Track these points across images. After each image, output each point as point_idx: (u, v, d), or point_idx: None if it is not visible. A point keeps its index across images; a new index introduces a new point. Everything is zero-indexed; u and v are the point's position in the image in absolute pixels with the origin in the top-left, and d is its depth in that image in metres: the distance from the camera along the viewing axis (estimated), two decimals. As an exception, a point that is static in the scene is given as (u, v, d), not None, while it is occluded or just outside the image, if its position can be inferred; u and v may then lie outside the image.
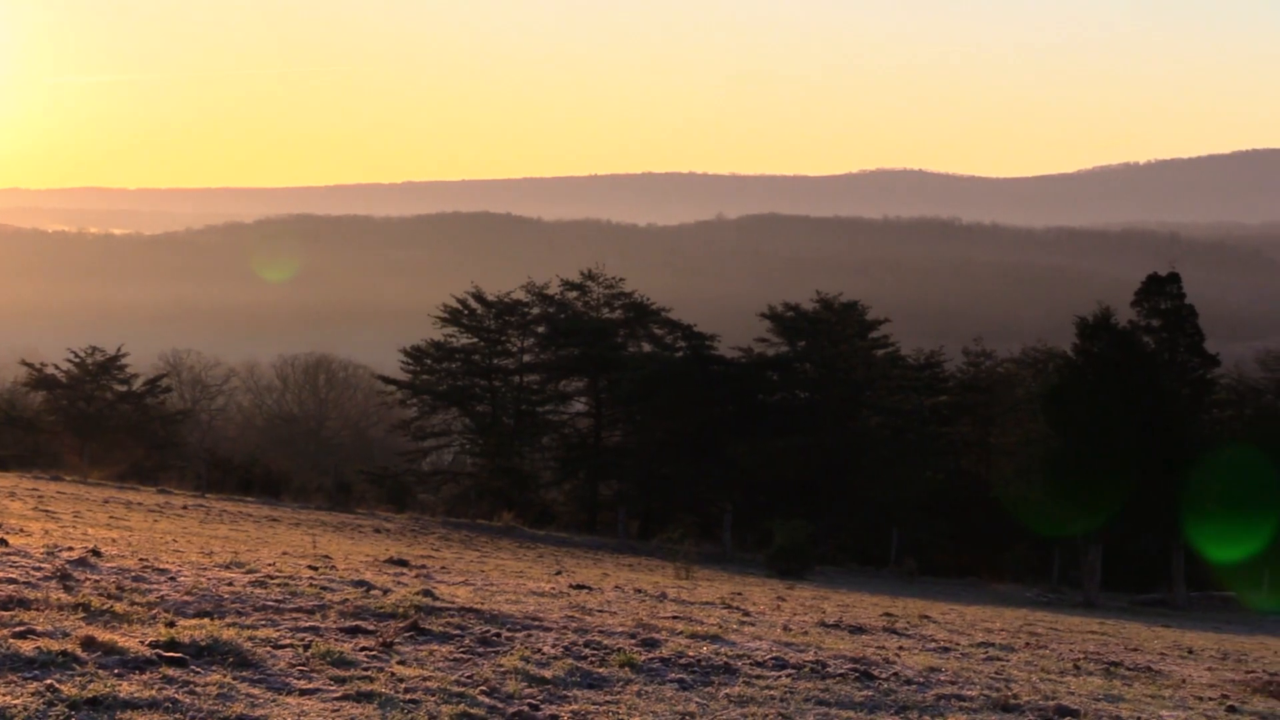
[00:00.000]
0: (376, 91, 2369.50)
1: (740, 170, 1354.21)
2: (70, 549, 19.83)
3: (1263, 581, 58.86)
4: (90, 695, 10.54)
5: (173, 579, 17.70)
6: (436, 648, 14.34)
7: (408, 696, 11.81)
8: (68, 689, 10.62)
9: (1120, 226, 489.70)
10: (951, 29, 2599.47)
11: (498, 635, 15.62)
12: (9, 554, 18.69)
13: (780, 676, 14.91)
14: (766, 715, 12.86)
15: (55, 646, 11.87)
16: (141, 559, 20.00)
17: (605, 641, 16.08)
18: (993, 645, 22.35)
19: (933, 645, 21.14)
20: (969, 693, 15.20)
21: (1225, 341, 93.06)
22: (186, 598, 16.07)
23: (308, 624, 15.01)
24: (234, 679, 11.69)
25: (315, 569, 21.63)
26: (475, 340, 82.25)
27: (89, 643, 12.15)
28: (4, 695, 10.35)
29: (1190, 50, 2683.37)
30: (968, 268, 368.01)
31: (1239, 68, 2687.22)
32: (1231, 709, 16.81)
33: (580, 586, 25.30)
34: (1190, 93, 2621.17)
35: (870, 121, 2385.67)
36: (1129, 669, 20.80)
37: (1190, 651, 27.34)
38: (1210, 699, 17.61)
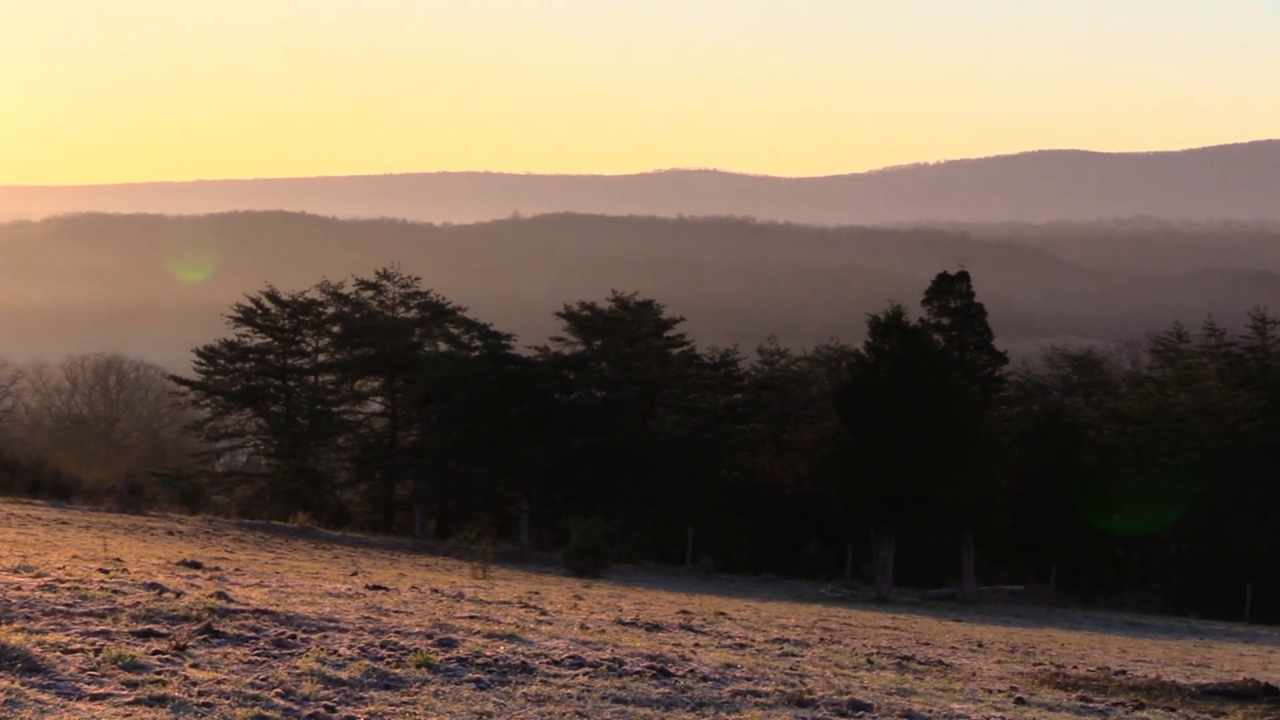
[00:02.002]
0: (167, 88, 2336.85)
1: (535, 169, 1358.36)
2: None
3: None
4: (-128, 704, 10.33)
5: (-42, 584, 17.36)
6: (231, 650, 14.21)
7: (201, 700, 11.69)
8: None
9: (911, 226, 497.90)
10: (742, 30, 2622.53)
11: (293, 637, 15.51)
12: None
13: (577, 675, 14.95)
14: (564, 714, 12.90)
15: None
16: (-75, 564, 19.60)
17: (402, 642, 16.02)
18: (788, 641, 22.59)
19: (729, 642, 21.31)
20: (764, 689, 15.35)
21: (1013, 339, 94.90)
22: (-28, 603, 15.76)
23: (98, 628, 14.80)
24: (22, 685, 11.50)
25: (106, 572, 21.31)
26: (269, 340, 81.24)
27: None
28: None
29: (976, 53, 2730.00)
30: (762, 267, 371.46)
31: (1024, 70, 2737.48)
32: (1020, 701, 17.15)
33: (376, 587, 25.17)
34: (978, 95, 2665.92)
35: (664, 121, 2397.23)
36: (921, 663, 21.12)
37: (980, 645, 27.83)
38: (1000, 691, 17.95)
